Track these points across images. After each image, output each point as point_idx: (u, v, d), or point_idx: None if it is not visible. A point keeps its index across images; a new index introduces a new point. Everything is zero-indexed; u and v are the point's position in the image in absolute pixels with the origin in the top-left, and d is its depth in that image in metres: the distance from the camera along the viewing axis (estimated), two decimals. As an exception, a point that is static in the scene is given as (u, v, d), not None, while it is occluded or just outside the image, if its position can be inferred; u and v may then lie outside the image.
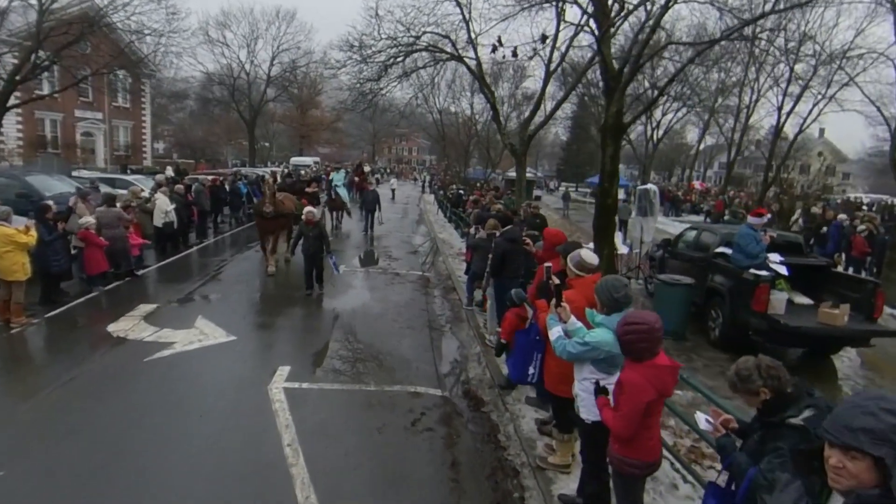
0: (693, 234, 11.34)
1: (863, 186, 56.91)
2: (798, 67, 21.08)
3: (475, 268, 10.09)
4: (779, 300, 8.59)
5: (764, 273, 8.57)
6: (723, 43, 28.74)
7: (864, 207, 30.95)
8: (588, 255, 4.76)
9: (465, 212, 19.32)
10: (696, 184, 42.21)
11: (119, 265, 10.97)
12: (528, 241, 6.70)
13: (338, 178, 20.20)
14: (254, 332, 8.57)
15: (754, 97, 28.34)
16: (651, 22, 9.39)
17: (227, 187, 18.74)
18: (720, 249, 9.88)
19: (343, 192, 19.60)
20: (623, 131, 10.32)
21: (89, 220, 9.87)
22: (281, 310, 9.77)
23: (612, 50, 23.02)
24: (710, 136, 51.40)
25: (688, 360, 8.41)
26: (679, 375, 3.82)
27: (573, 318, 4.29)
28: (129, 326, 8.49)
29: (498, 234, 8.26)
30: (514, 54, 11.39)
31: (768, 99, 26.38)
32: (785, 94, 22.84)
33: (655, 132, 38.59)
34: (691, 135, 54.33)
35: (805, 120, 24.57)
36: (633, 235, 13.91)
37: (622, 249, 14.40)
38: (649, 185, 13.65)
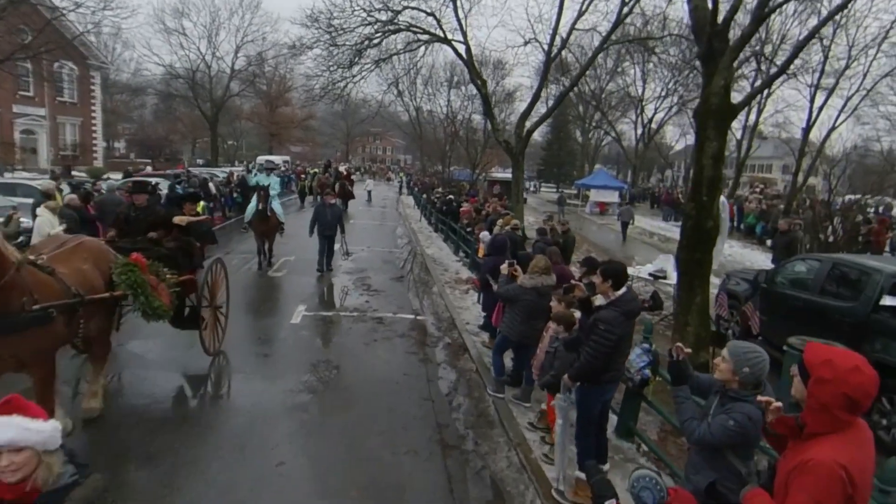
0: (814, 267, 7.49)
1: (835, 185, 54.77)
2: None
3: (509, 332, 6.07)
4: None
5: None
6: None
7: (871, 210, 27.80)
8: None
9: (459, 223, 15.25)
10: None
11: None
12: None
13: (272, 184, 12.31)
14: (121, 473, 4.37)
15: (765, 91, 25.06)
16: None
17: (160, 194, 14.25)
18: (890, 301, 6.10)
19: (278, 206, 12.30)
20: (733, 116, 6.49)
21: None
22: (188, 414, 5.62)
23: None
24: (691, 136, 48.43)
25: None
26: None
27: None
28: None
29: (604, 300, 4.21)
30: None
31: (800, 92, 23.01)
32: (817, 87, 19.40)
33: (648, 128, 35.13)
34: (669, 134, 51.37)
35: (837, 117, 21.37)
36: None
37: (676, 279, 10.57)
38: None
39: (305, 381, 6.38)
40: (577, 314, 5.25)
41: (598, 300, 4.25)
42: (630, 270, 11.67)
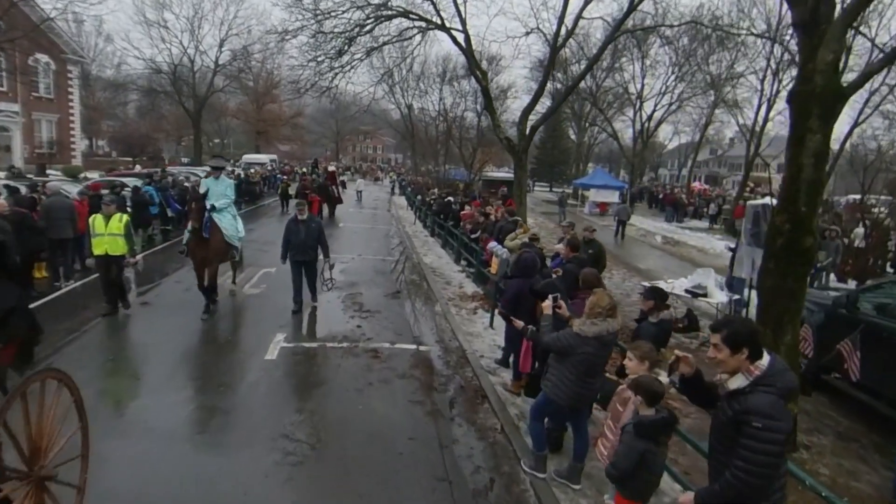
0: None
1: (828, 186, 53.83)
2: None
3: (557, 394, 4.31)
4: None
5: None
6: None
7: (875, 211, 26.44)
8: None
9: (461, 228, 13.54)
10: (696, 184, 37.57)
11: None
12: None
13: (216, 190, 8.51)
14: None
15: (776, 87, 23.78)
16: None
17: (127, 196, 12.42)
18: None
19: (230, 221, 8.66)
20: (843, 100, 4.87)
21: None
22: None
23: None
24: (684, 134, 47.18)
25: None
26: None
27: None
28: None
29: (745, 378, 2.55)
30: None
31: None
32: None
33: (647, 126, 33.54)
34: (663, 133, 50.03)
35: (860, 113, 19.96)
36: (741, 274, 8.50)
37: (718, 297, 8.99)
38: (768, 200, 8.24)
39: (276, 457, 4.66)
40: (665, 379, 3.62)
41: (737, 381, 2.58)
42: (662, 285, 10.11)
